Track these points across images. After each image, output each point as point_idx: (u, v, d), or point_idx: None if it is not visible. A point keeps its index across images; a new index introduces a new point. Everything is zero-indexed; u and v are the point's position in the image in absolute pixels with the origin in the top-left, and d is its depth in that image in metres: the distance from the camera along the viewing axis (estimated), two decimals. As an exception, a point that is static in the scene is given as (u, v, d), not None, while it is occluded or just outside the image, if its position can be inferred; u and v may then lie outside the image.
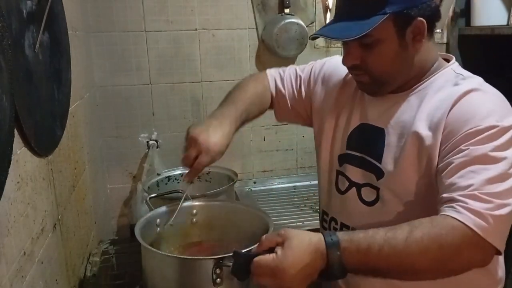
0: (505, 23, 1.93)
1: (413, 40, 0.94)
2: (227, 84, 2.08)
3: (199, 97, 2.08)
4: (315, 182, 2.12)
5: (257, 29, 2.08)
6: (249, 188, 2.16)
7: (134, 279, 1.25)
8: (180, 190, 1.33)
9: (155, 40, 1.98)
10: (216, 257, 0.92)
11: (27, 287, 0.84)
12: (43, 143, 0.98)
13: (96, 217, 1.65)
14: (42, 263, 0.94)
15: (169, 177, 1.86)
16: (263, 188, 2.17)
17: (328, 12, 2.15)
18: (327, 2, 2.13)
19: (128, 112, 2.02)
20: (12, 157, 0.75)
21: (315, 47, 2.16)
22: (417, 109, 0.96)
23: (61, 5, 1.19)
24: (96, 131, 1.86)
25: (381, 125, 1.01)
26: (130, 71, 1.98)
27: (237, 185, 1.79)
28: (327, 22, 1.32)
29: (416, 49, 0.95)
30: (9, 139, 0.74)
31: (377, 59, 0.95)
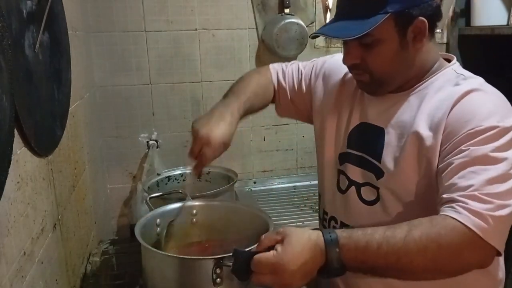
0: (505, 23, 1.93)
1: (414, 39, 0.93)
2: (227, 84, 2.06)
3: (199, 97, 2.08)
4: (315, 182, 2.12)
5: (257, 29, 2.08)
6: (249, 188, 2.16)
7: (134, 279, 1.25)
8: (180, 190, 1.34)
9: (155, 40, 1.98)
10: (216, 257, 0.92)
11: (27, 287, 0.83)
12: (43, 143, 0.98)
13: (96, 217, 1.65)
14: (42, 263, 0.94)
15: (169, 177, 1.86)
16: (263, 188, 2.17)
17: (328, 12, 2.15)
18: (327, 2, 2.13)
19: (128, 112, 2.02)
20: (12, 157, 0.75)
21: (315, 47, 2.16)
22: (417, 109, 0.96)
23: (61, 5, 1.19)
24: (96, 131, 1.86)
25: (381, 125, 1.01)
26: (130, 71, 1.98)
27: (237, 185, 1.79)
28: (327, 21, 1.32)
29: (416, 49, 0.95)
30: (9, 139, 0.74)
31: (377, 59, 0.95)
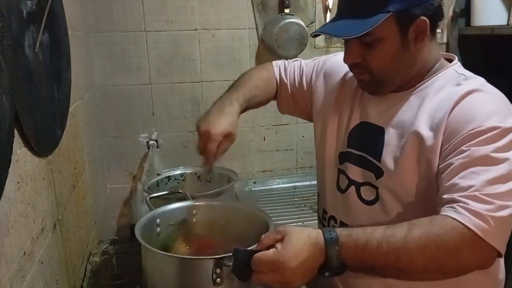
0: (505, 23, 1.93)
1: (415, 39, 0.93)
2: (227, 84, 2.05)
3: (199, 97, 2.08)
4: (315, 182, 2.12)
5: (257, 29, 2.08)
6: (249, 188, 2.16)
7: (134, 279, 1.25)
8: (180, 190, 1.34)
9: (155, 40, 1.98)
10: (216, 256, 0.92)
11: (27, 287, 0.83)
12: (43, 143, 0.98)
13: (96, 217, 1.65)
14: (42, 263, 0.94)
15: (169, 177, 1.86)
16: (263, 188, 2.17)
17: (328, 12, 2.15)
18: (327, 2, 2.13)
19: (128, 112, 2.02)
20: (12, 157, 0.75)
21: (315, 47, 2.16)
22: (418, 109, 0.95)
23: (61, 5, 1.18)
24: (96, 131, 1.86)
25: (381, 124, 1.01)
26: (130, 71, 1.98)
27: (237, 185, 1.79)
28: (328, 21, 1.32)
29: (418, 48, 0.95)
30: (9, 139, 0.74)
31: (378, 58, 0.95)
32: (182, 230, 1.20)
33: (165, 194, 1.36)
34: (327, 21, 2.07)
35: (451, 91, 0.93)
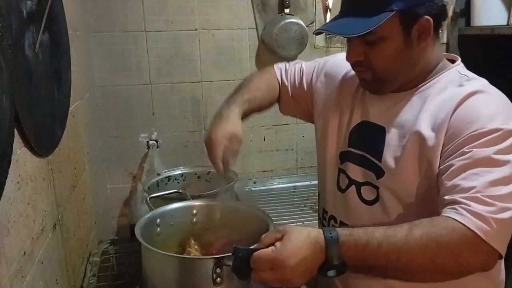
0: (505, 23, 1.93)
1: (418, 38, 0.93)
2: (227, 84, 2.09)
3: (199, 97, 2.08)
4: (315, 182, 2.11)
5: (257, 29, 2.08)
6: (249, 188, 2.16)
7: (134, 279, 1.25)
8: (180, 190, 1.34)
9: (155, 40, 1.98)
10: (216, 256, 0.92)
11: (27, 287, 0.83)
12: (43, 143, 0.98)
13: (96, 217, 1.65)
14: (42, 263, 0.94)
15: (169, 177, 1.86)
16: (263, 188, 2.17)
17: (328, 12, 2.15)
18: (327, 2, 2.14)
19: (128, 112, 2.02)
20: (12, 157, 0.75)
21: (315, 47, 2.16)
22: (420, 109, 0.95)
23: (61, 5, 1.18)
24: (96, 131, 1.86)
25: (382, 124, 1.01)
26: (130, 71, 1.98)
27: (237, 185, 1.79)
28: (328, 20, 1.32)
29: (421, 48, 0.94)
30: (9, 139, 0.74)
31: (381, 56, 0.94)
32: (182, 230, 1.20)
33: (165, 194, 1.36)
34: (327, 20, 2.08)
35: (454, 92, 0.93)
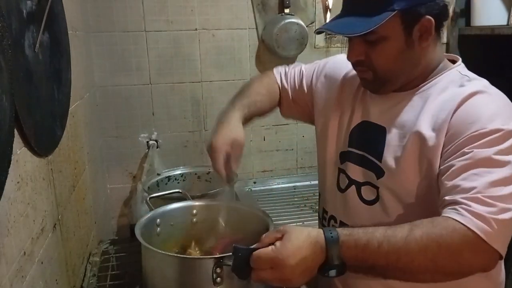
0: (505, 23, 1.93)
1: (419, 38, 0.93)
2: (227, 84, 2.09)
3: (199, 97, 2.08)
4: (315, 182, 2.11)
5: (257, 29, 2.08)
6: (249, 188, 2.16)
7: (134, 279, 1.25)
8: (180, 190, 1.34)
9: (155, 40, 1.98)
10: (216, 256, 0.93)
11: (27, 287, 0.83)
12: (43, 143, 0.98)
13: (96, 217, 1.65)
14: (42, 263, 0.94)
15: (169, 177, 1.86)
16: (263, 188, 2.18)
17: (328, 12, 2.15)
18: (327, 2, 2.14)
19: (128, 112, 2.02)
20: (12, 157, 0.75)
21: (315, 47, 2.16)
22: (421, 110, 0.95)
23: (61, 5, 1.18)
24: (96, 131, 1.86)
25: (383, 124, 1.01)
26: (130, 71, 1.98)
27: (237, 185, 1.79)
28: (329, 19, 1.32)
29: (422, 48, 0.94)
30: (9, 139, 0.74)
31: (382, 56, 0.94)
32: (182, 230, 1.20)
33: (165, 194, 1.36)
34: (328, 20, 2.08)
35: (454, 92, 0.93)
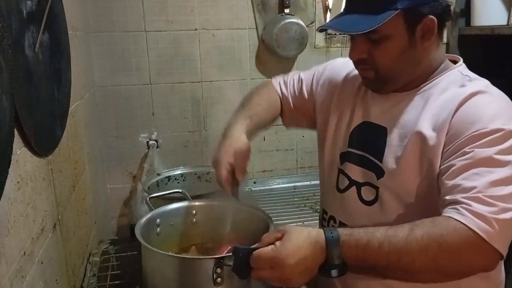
0: (505, 23, 1.93)
1: (422, 38, 0.93)
2: (227, 84, 2.09)
3: (199, 97, 2.08)
4: (315, 182, 2.10)
5: (257, 29, 2.08)
6: (249, 188, 2.16)
7: (134, 279, 1.25)
8: (180, 190, 1.33)
9: (155, 40, 1.98)
10: (216, 256, 0.92)
11: (27, 287, 0.83)
12: (43, 143, 0.98)
13: (96, 217, 1.65)
14: (42, 263, 0.94)
15: (169, 177, 1.86)
16: (263, 188, 2.18)
17: (328, 12, 2.15)
18: (327, 2, 2.14)
19: (128, 112, 2.02)
20: (12, 157, 0.75)
21: (315, 47, 2.16)
22: (422, 110, 0.95)
23: (61, 5, 1.18)
24: (96, 131, 1.86)
25: (384, 124, 1.01)
26: (130, 71, 1.98)
27: (237, 185, 1.79)
28: (329, 19, 1.32)
29: (424, 47, 0.94)
30: (9, 139, 0.74)
31: (384, 55, 0.94)
32: (182, 230, 1.20)
33: (165, 194, 1.36)
34: (328, 20, 2.08)
35: (455, 92, 0.93)
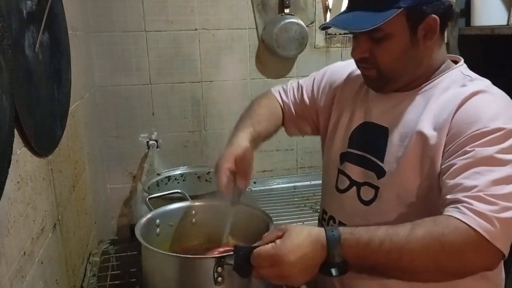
0: (505, 23, 1.92)
1: (424, 37, 0.93)
2: (227, 84, 2.09)
3: (199, 97, 2.08)
4: (315, 182, 2.10)
5: (257, 29, 2.08)
6: (249, 188, 2.16)
7: (134, 279, 1.25)
8: (179, 190, 1.33)
9: (155, 40, 1.98)
10: (217, 255, 0.92)
11: (27, 287, 0.83)
12: (43, 143, 0.98)
13: (96, 217, 1.65)
14: (42, 263, 0.94)
15: (169, 177, 1.86)
16: (263, 188, 2.18)
17: (328, 12, 2.15)
18: (327, 2, 2.14)
19: (128, 112, 2.02)
20: (12, 157, 0.75)
21: (315, 47, 2.16)
22: (423, 109, 0.95)
23: (61, 5, 1.18)
24: (96, 131, 1.86)
25: (385, 124, 1.01)
26: (130, 71, 1.98)
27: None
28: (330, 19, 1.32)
29: (426, 47, 0.95)
30: (9, 139, 0.74)
31: (386, 53, 0.94)
32: (181, 230, 1.20)
33: (164, 194, 1.36)
34: (328, 20, 2.08)
35: (456, 92, 0.93)
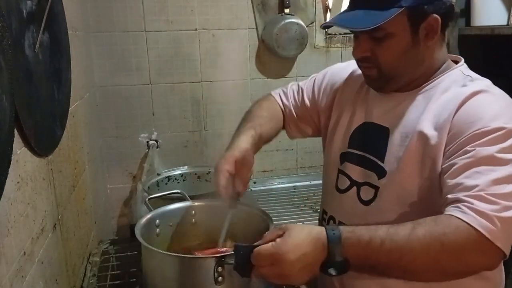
0: (505, 23, 1.92)
1: (425, 37, 0.93)
2: (227, 84, 2.09)
3: (199, 97, 2.08)
4: (315, 182, 2.10)
5: (257, 29, 2.08)
6: (249, 188, 2.16)
7: (134, 279, 1.25)
8: (178, 191, 1.33)
9: (155, 40, 1.98)
10: (218, 255, 0.92)
11: (27, 287, 0.83)
12: (43, 143, 0.98)
13: (96, 217, 1.65)
14: (42, 263, 0.94)
15: (169, 177, 1.86)
16: (263, 188, 2.18)
17: (328, 12, 2.15)
18: (327, 2, 2.14)
19: (128, 112, 2.02)
20: (12, 157, 0.75)
21: (315, 47, 2.16)
22: (423, 109, 0.95)
23: (61, 5, 1.18)
24: (96, 131, 1.86)
25: (386, 124, 1.01)
26: (130, 71, 1.98)
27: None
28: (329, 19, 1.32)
29: (427, 46, 0.95)
30: (9, 139, 0.74)
31: (387, 53, 0.94)
32: (181, 230, 1.20)
33: (164, 195, 1.36)
34: (328, 20, 2.08)
35: (457, 91, 0.93)
